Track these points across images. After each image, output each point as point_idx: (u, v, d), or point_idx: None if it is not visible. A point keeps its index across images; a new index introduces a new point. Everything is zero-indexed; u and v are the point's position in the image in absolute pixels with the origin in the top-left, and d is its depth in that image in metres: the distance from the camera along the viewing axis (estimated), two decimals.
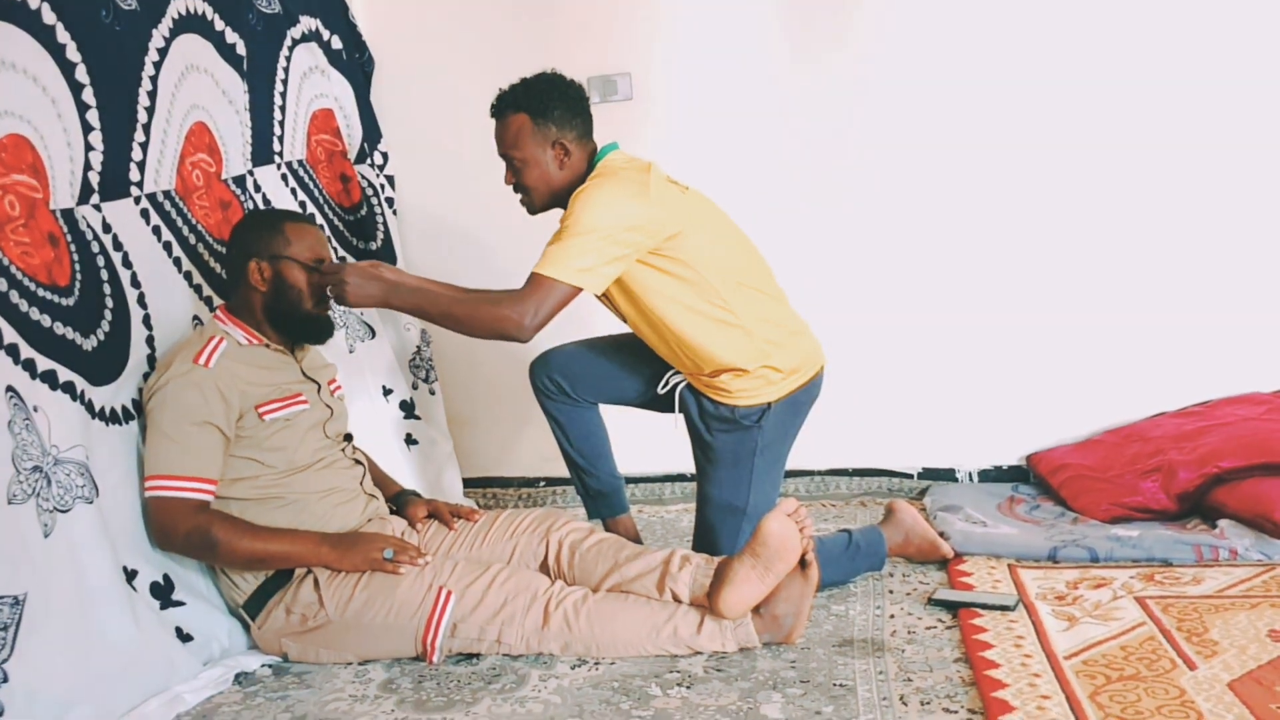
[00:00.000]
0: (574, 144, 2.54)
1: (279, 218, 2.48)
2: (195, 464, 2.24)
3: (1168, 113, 3.16)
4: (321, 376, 2.54)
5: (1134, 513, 2.86)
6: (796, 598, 2.25)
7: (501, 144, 2.57)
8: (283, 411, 2.37)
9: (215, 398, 2.27)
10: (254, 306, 2.42)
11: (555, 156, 2.53)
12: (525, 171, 2.55)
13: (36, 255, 2.07)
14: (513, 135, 2.54)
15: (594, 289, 2.41)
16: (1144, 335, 3.25)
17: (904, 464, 3.40)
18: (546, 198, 2.59)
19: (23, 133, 2.07)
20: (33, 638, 1.87)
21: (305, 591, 2.31)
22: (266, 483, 2.35)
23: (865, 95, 3.27)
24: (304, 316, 2.44)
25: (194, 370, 2.27)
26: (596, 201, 2.41)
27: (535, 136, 2.52)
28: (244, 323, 2.42)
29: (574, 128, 2.54)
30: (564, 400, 2.75)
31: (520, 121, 2.52)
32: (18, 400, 1.95)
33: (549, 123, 2.52)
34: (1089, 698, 1.93)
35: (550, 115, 2.52)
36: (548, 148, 2.53)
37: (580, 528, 2.50)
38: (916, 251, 3.32)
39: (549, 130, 2.52)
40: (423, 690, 2.17)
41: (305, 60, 3.16)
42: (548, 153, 2.53)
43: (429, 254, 3.55)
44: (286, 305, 2.41)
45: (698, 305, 2.48)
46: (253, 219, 2.53)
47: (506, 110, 2.55)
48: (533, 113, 2.51)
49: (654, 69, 3.38)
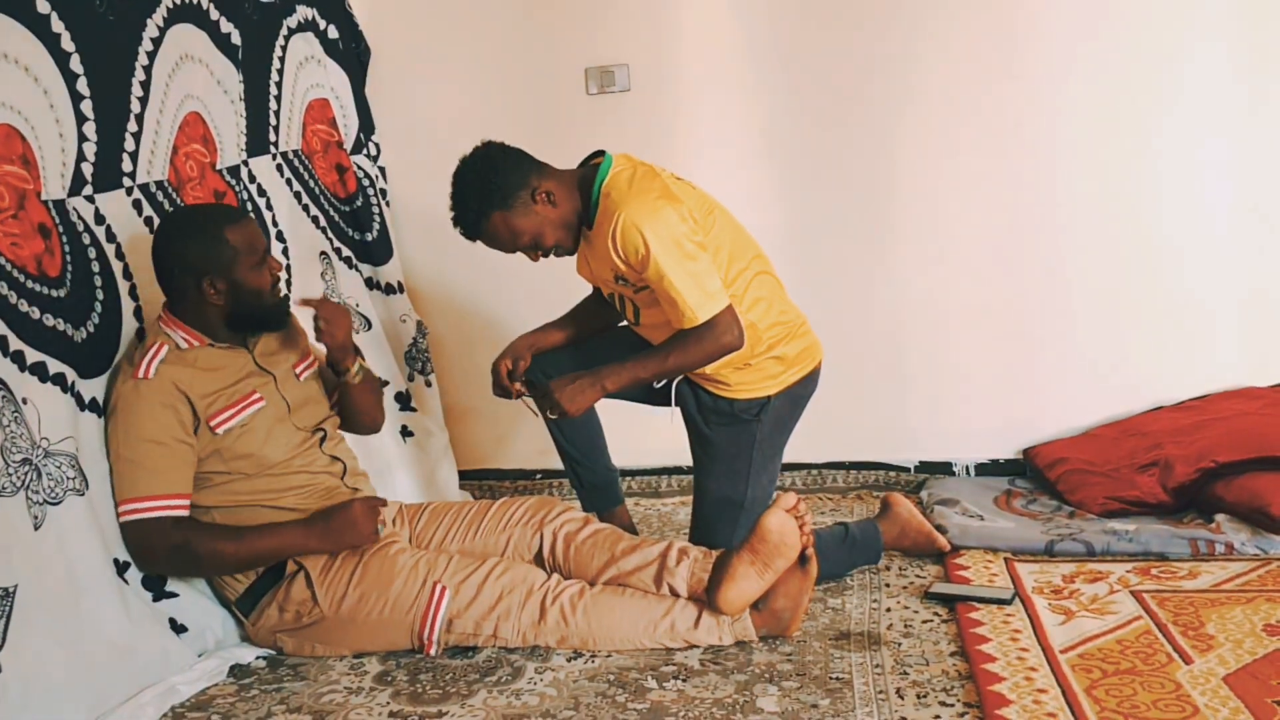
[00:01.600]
0: (547, 182, 2.45)
1: (215, 226, 2.28)
2: (162, 482, 2.19)
3: (1160, 106, 3.15)
4: (279, 364, 2.44)
5: (1130, 507, 2.85)
6: (795, 593, 2.24)
7: (502, 247, 2.50)
8: (237, 418, 2.28)
9: (162, 413, 2.19)
10: (208, 317, 2.30)
11: (544, 207, 2.45)
12: (542, 241, 2.47)
13: (26, 247, 2.06)
14: (504, 234, 2.45)
15: None
16: (1141, 330, 3.24)
17: (901, 457, 3.39)
18: (570, 236, 2.51)
19: (13, 123, 2.06)
20: (25, 629, 1.87)
21: (298, 589, 2.29)
22: (241, 489, 2.30)
23: (868, 85, 3.26)
24: (266, 311, 2.36)
25: (137, 385, 2.19)
26: (665, 234, 2.36)
27: (518, 214, 2.43)
28: (187, 324, 2.29)
29: (529, 173, 2.44)
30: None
31: (496, 220, 2.43)
32: (6, 393, 1.94)
33: (514, 193, 2.42)
34: (1085, 691, 1.93)
35: (508, 188, 2.41)
36: (533, 209, 2.44)
37: (575, 518, 2.49)
38: (915, 244, 3.31)
39: (520, 197, 2.42)
40: (418, 683, 2.16)
41: (301, 50, 3.14)
42: (536, 212, 2.44)
43: (424, 246, 3.53)
44: (248, 308, 2.31)
45: None
46: (187, 230, 2.29)
47: (478, 224, 2.45)
48: (495, 203, 2.42)
49: (653, 60, 3.35)
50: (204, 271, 2.25)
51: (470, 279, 3.54)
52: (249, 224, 2.37)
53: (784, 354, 2.56)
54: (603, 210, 2.45)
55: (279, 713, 2.07)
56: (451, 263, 3.54)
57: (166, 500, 2.19)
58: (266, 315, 2.37)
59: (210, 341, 2.32)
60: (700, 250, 2.41)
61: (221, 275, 2.26)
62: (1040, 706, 1.89)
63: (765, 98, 3.32)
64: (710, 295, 2.40)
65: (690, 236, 2.40)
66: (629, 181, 2.45)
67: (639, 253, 2.37)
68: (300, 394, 2.45)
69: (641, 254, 2.37)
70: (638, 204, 2.39)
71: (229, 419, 2.28)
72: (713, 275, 2.42)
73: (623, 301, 2.59)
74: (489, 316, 3.52)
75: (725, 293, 2.43)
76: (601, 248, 2.46)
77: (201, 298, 2.28)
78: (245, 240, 2.30)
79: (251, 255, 2.30)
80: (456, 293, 3.55)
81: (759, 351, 2.53)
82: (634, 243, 2.37)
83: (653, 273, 2.38)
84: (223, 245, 2.26)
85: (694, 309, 2.39)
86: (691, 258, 2.38)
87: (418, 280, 3.54)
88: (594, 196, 2.47)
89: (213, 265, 2.25)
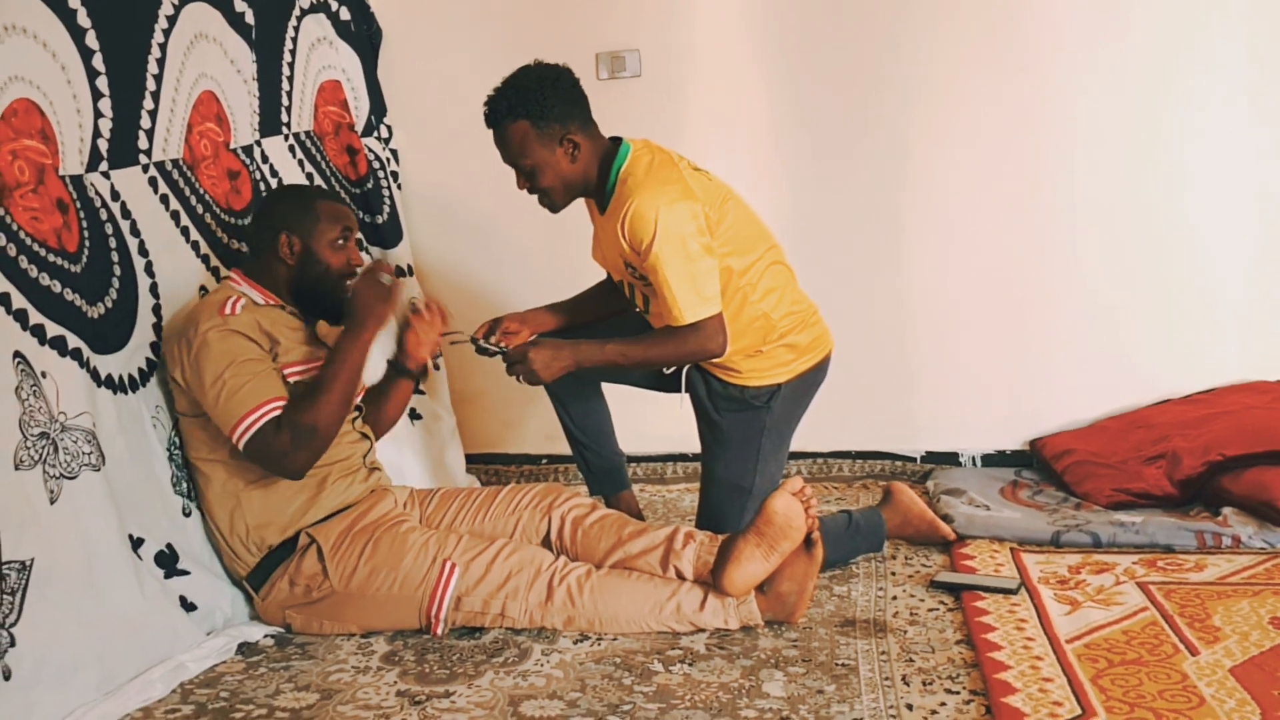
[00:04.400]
0: (580, 134, 2.44)
1: (312, 195, 2.51)
2: (259, 393, 2.22)
3: (1170, 98, 3.15)
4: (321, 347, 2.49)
5: (1137, 499, 2.86)
6: (800, 576, 2.25)
7: (507, 154, 2.45)
8: (304, 376, 2.34)
9: (249, 343, 2.25)
10: (277, 277, 2.40)
11: (566, 153, 2.43)
12: (540, 176, 2.44)
13: (45, 221, 2.06)
14: (517, 144, 2.42)
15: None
16: (1149, 322, 3.25)
17: (907, 447, 3.40)
18: (566, 195, 2.50)
19: (32, 98, 2.07)
20: (40, 603, 1.88)
21: (309, 563, 2.31)
22: None
23: (879, 74, 3.25)
24: (327, 291, 2.41)
25: (225, 321, 2.25)
26: (673, 230, 2.35)
27: (541, 139, 2.40)
28: (261, 285, 2.40)
29: (576, 118, 2.43)
30: (567, 379, 2.74)
31: (522, 129, 2.40)
32: (25, 366, 1.95)
33: (551, 121, 2.40)
34: (1091, 680, 1.94)
35: (550, 113, 2.39)
36: (556, 147, 2.42)
37: (583, 503, 2.51)
38: (924, 234, 3.31)
39: (553, 129, 2.40)
40: (425, 662, 2.17)
41: (313, 31, 3.14)
42: (557, 152, 2.42)
43: (433, 229, 3.54)
44: (312, 281, 2.40)
45: (728, 288, 2.47)
46: (286, 193, 2.59)
47: (504, 119, 2.41)
48: (532, 116, 2.39)
49: (664, 45, 3.35)
50: (285, 227, 2.38)
51: (479, 263, 3.54)
52: (342, 206, 2.49)
53: (795, 342, 2.56)
54: (618, 195, 2.45)
55: (287, 690, 2.08)
56: (461, 246, 3.54)
57: (267, 405, 2.22)
58: (325, 296, 2.41)
59: (282, 304, 2.40)
60: (705, 253, 2.39)
61: (299, 236, 2.38)
62: (1046, 695, 1.90)
63: (776, 85, 3.32)
64: (704, 299, 2.40)
65: (697, 236, 2.39)
66: (646, 169, 2.45)
67: (644, 242, 2.38)
68: None
69: (646, 243, 2.37)
70: (652, 193, 2.39)
71: (298, 373, 2.34)
72: (712, 280, 2.41)
73: (632, 290, 2.60)
74: (497, 300, 3.52)
75: (719, 300, 2.43)
76: (612, 231, 2.46)
77: (275, 254, 2.38)
78: (332, 213, 2.43)
79: (333, 229, 2.41)
80: (465, 276, 3.55)
81: (771, 339, 2.54)
82: (641, 231, 2.38)
83: (651, 263, 2.38)
84: (310, 209, 2.40)
85: (683, 309, 2.39)
86: (693, 258, 2.38)
87: (427, 263, 3.55)
88: (610, 180, 2.47)
89: (295, 224, 2.38)
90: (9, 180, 1.99)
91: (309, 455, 2.24)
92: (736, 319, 2.49)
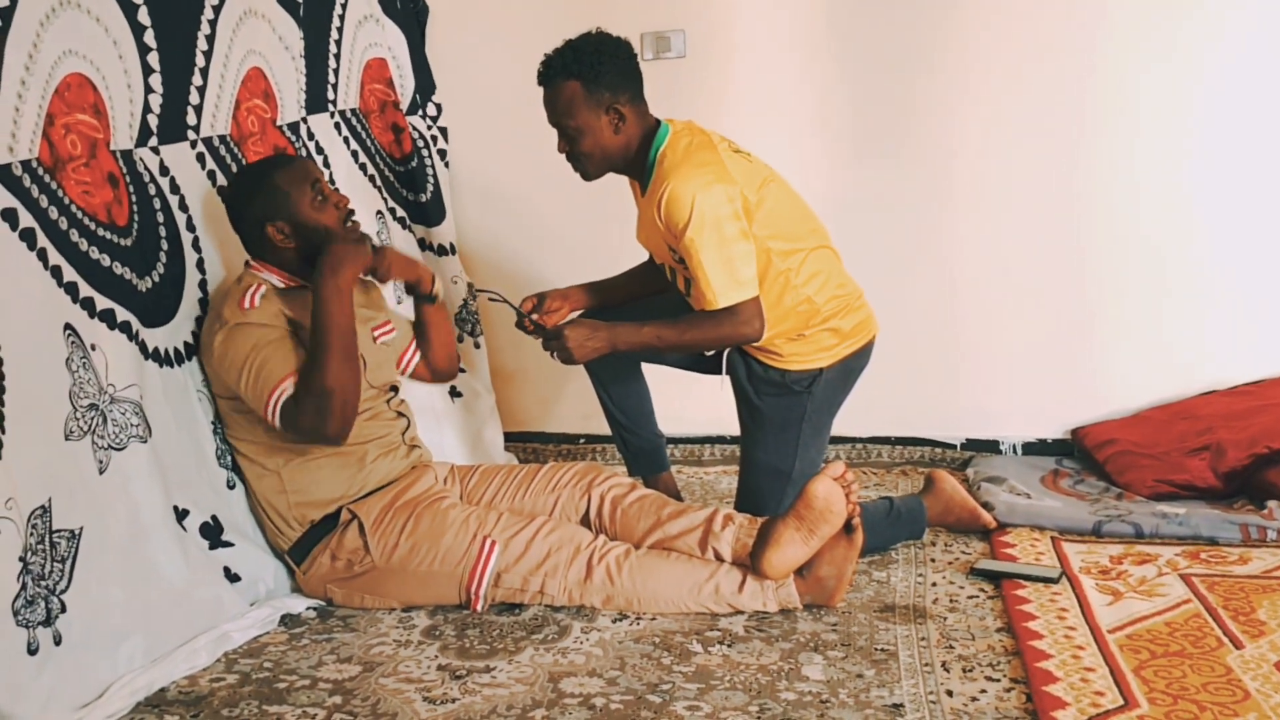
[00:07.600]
0: (628, 108, 2.46)
1: (264, 172, 2.36)
2: (275, 371, 2.22)
3: (1224, 81, 3.10)
4: (361, 324, 2.45)
5: (1180, 490, 2.83)
6: (840, 561, 2.25)
7: (553, 113, 2.48)
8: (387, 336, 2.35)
9: (270, 330, 2.25)
10: (288, 260, 2.36)
11: (610, 122, 2.45)
12: (580, 140, 2.47)
13: (97, 195, 2.09)
14: (565, 103, 2.44)
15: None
16: (1195, 313, 3.20)
17: (947, 434, 3.38)
18: (602, 165, 2.52)
19: (85, 73, 2.09)
20: (89, 571, 1.91)
21: (351, 537, 2.33)
22: None
23: (926, 57, 3.22)
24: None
25: (245, 314, 2.25)
26: (709, 213, 2.35)
27: (589, 103, 2.43)
28: (278, 269, 2.37)
29: (627, 90, 2.46)
30: (607, 359, 2.74)
31: (572, 89, 2.43)
32: (75, 338, 1.97)
33: (602, 88, 2.43)
34: (1134, 671, 1.92)
35: (603, 80, 2.42)
36: (602, 114, 2.45)
37: (623, 483, 2.51)
38: (969, 220, 3.28)
39: (602, 96, 2.43)
40: (466, 638, 2.19)
41: (360, 8, 3.15)
42: (602, 119, 2.45)
43: (479, 209, 3.55)
44: (318, 245, 2.32)
45: (769, 272, 2.47)
46: (242, 186, 2.38)
47: (556, 77, 2.45)
48: (584, 79, 2.42)
49: (709, 25, 3.33)
50: (265, 218, 2.32)
51: (522, 243, 3.55)
52: (298, 164, 2.41)
53: (839, 326, 2.55)
54: (655, 177, 2.46)
55: (329, 662, 2.10)
56: (505, 227, 3.55)
57: (282, 383, 2.22)
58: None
59: (302, 284, 2.37)
60: (741, 237, 2.39)
61: (282, 218, 2.32)
62: (1088, 684, 1.89)
63: (821, 67, 3.30)
64: (739, 283, 2.40)
65: (733, 220, 2.38)
66: (684, 151, 2.45)
67: (679, 225, 2.38)
68: (376, 356, 2.49)
69: (681, 226, 2.37)
70: (687, 176, 2.39)
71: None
72: (748, 264, 2.40)
73: (673, 273, 2.59)
74: (538, 280, 3.53)
75: (755, 284, 2.42)
76: (650, 212, 2.46)
77: (273, 244, 2.34)
78: (293, 180, 2.34)
79: (304, 194, 2.33)
80: (508, 256, 3.56)
81: (814, 324, 2.53)
82: (676, 214, 2.38)
83: (686, 246, 2.38)
84: (273, 189, 2.32)
85: (716, 292, 2.39)
86: (728, 242, 2.37)
87: (470, 243, 3.56)
88: (650, 159, 2.47)
89: (271, 210, 2.32)
90: (62, 154, 2.01)
91: (336, 419, 2.21)
92: (779, 303, 2.49)
